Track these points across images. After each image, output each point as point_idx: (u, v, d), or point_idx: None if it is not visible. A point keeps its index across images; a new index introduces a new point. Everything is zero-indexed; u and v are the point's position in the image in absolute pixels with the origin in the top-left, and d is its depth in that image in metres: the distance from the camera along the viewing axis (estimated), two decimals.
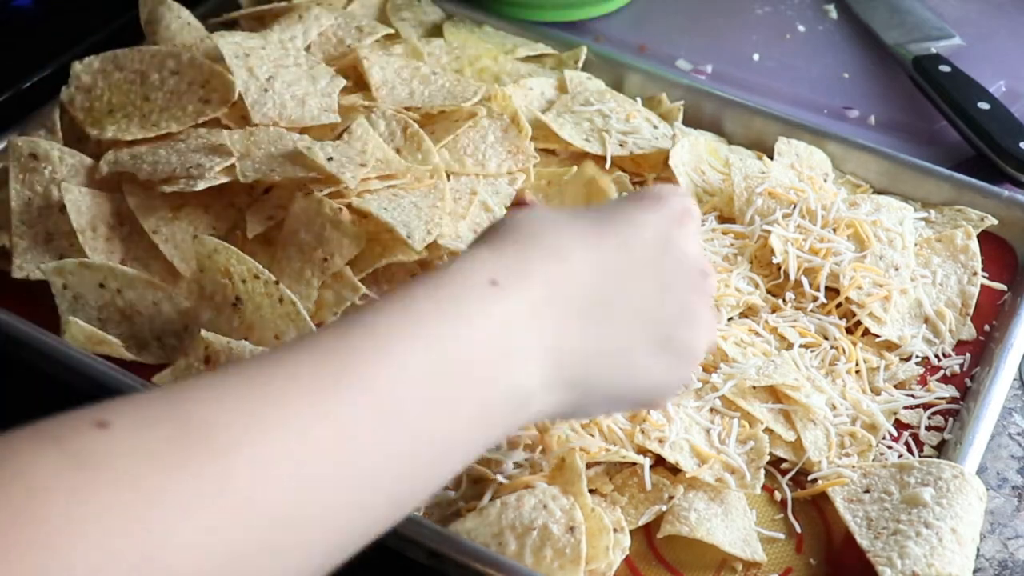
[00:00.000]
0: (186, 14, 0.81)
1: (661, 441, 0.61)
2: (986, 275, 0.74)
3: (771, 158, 0.80)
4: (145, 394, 0.37)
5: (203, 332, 0.64)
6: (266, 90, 0.74)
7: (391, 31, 0.87)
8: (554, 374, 0.45)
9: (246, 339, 0.65)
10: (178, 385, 0.38)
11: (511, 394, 0.44)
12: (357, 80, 0.81)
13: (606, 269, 0.48)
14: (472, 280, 0.44)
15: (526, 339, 0.44)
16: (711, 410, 0.64)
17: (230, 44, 0.76)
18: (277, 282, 0.65)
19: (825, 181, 0.79)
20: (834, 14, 1.02)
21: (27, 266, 0.69)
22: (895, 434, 0.65)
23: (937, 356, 0.70)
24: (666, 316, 0.49)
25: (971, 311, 0.72)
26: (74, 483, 0.32)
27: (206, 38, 0.80)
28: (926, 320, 0.71)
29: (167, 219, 0.70)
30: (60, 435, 0.34)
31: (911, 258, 0.73)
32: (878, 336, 0.69)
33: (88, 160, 0.73)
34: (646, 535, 0.60)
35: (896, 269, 0.72)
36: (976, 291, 0.73)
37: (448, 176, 0.75)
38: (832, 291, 0.71)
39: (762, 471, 0.61)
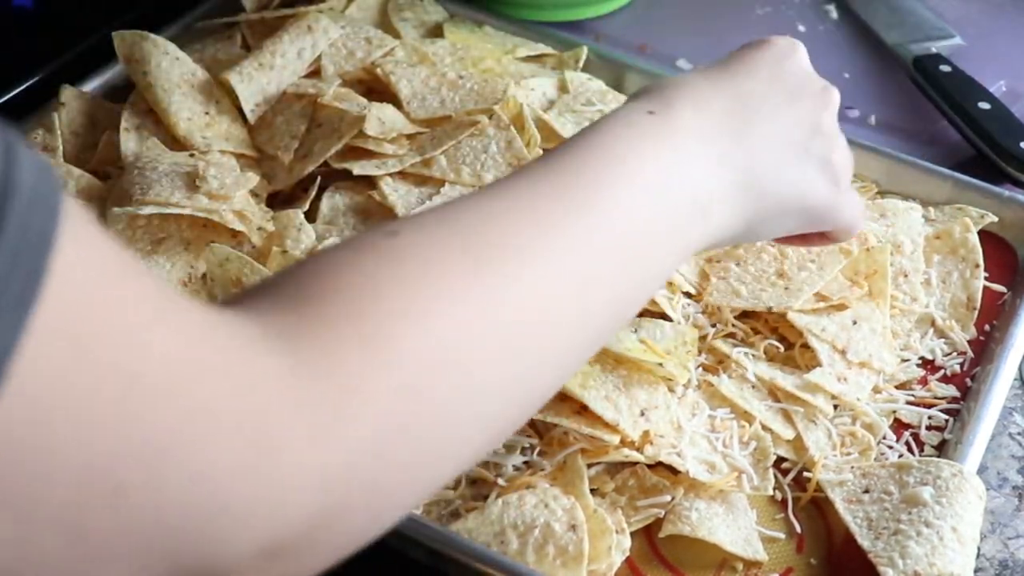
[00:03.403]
0: (173, 49, 0.78)
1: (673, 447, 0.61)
2: (986, 275, 0.74)
3: None
4: (425, 211, 0.46)
5: None
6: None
7: (396, 43, 0.85)
8: (726, 177, 0.52)
9: None
10: (453, 205, 0.46)
11: (695, 205, 0.51)
12: (371, 89, 0.80)
13: (739, 93, 0.55)
14: (631, 116, 0.52)
15: (694, 149, 0.51)
16: (708, 415, 0.64)
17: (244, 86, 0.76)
18: None
19: None
20: (834, 14, 1.02)
21: None
22: (895, 434, 0.65)
23: (934, 354, 0.70)
24: (799, 128, 0.56)
25: (977, 305, 0.72)
26: (378, 279, 0.39)
27: (197, 71, 0.78)
28: (932, 323, 0.71)
29: (145, 252, 0.68)
30: (360, 248, 0.42)
31: (920, 262, 0.73)
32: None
33: (76, 171, 0.73)
34: (647, 535, 0.60)
35: (905, 276, 0.72)
36: (980, 284, 0.72)
37: (443, 184, 0.74)
38: None
39: (771, 471, 0.61)
